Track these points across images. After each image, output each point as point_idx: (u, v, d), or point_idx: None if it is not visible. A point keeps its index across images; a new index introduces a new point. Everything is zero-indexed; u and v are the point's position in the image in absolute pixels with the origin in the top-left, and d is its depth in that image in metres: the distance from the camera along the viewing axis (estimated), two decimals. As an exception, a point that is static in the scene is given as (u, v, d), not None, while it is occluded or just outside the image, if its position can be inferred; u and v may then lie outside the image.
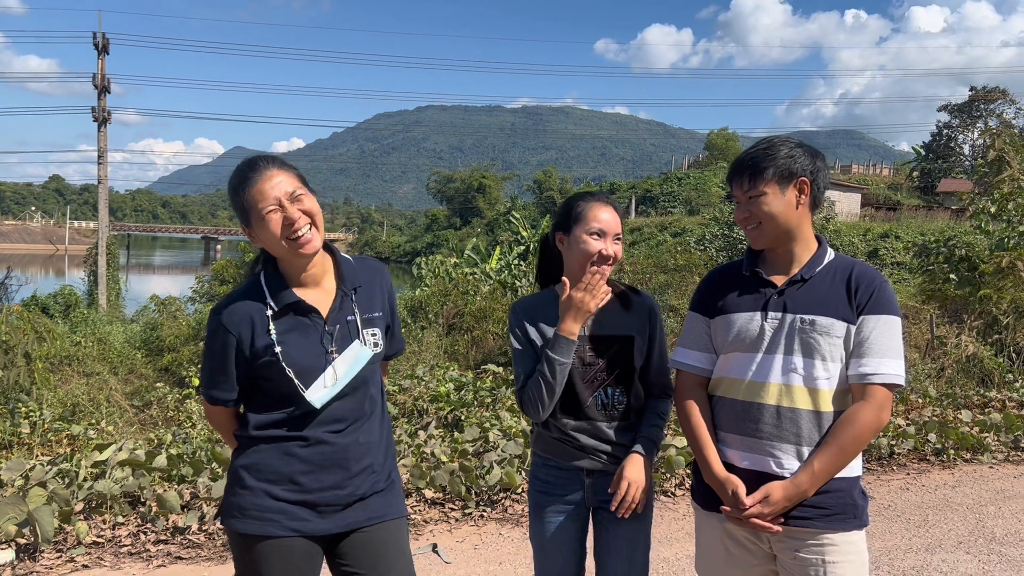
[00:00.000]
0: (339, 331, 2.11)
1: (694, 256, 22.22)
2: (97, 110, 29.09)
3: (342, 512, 2.13)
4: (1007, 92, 55.58)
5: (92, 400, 12.76)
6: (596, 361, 2.38)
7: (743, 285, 2.25)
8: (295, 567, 2.10)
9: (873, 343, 2.07)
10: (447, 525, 4.70)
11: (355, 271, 2.20)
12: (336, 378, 2.07)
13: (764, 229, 2.17)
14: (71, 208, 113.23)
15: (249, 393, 2.14)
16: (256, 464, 2.08)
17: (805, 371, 2.10)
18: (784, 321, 2.13)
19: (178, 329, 19.51)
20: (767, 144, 2.19)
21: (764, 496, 2.07)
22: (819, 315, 2.10)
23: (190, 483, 4.96)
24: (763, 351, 2.15)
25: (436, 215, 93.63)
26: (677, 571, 4.13)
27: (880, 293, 2.11)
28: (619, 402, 2.39)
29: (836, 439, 2.06)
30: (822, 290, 2.14)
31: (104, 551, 4.16)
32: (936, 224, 33.02)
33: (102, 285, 28.71)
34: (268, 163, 2.05)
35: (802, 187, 2.15)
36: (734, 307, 2.22)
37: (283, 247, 2.03)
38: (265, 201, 2.01)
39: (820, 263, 2.18)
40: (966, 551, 4.44)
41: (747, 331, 2.18)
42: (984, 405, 7.57)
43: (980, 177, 14.03)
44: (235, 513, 2.09)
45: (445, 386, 7.82)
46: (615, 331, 2.41)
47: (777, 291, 2.18)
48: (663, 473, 5.40)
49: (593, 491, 2.41)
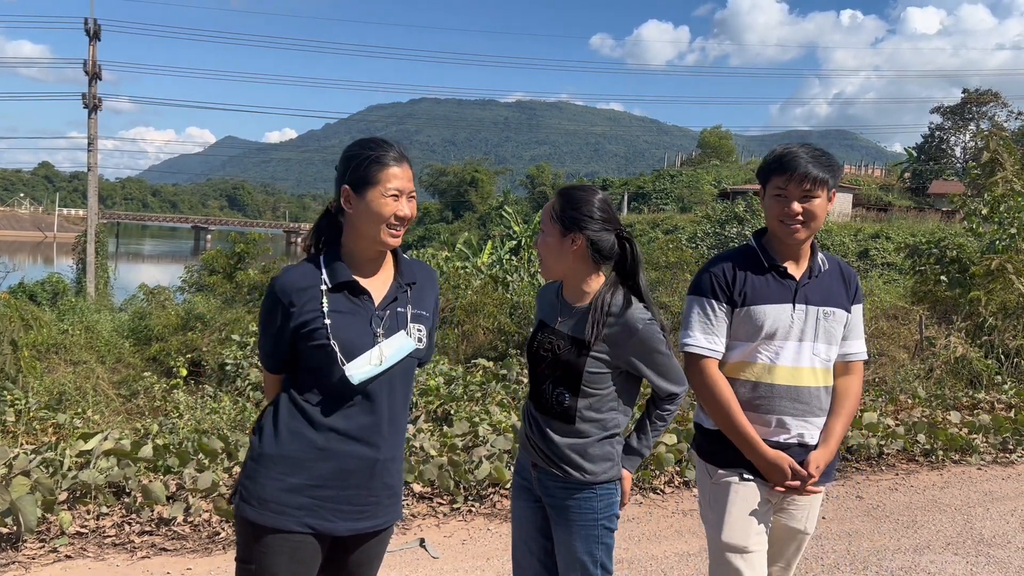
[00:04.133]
0: (388, 318, 2.16)
1: (686, 253, 22.24)
2: (88, 97, 28.86)
3: (360, 516, 2.14)
4: (999, 95, 55.86)
5: (79, 389, 12.67)
6: (547, 356, 2.40)
7: (767, 278, 2.46)
8: (302, 563, 2.10)
9: (855, 327, 2.52)
10: (435, 520, 4.67)
11: (412, 269, 2.28)
12: (381, 359, 2.10)
13: (812, 227, 2.41)
14: (60, 195, 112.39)
15: (293, 368, 2.17)
16: (284, 456, 2.08)
17: (826, 355, 2.46)
18: (808, 312, 2.44)
19: (167, 319, 19.39)
20: (822, 152, 2.43)
21: (816, 465, 2.42)
22: (833, 306, 2.46)
23: (176, 474, 4.91)
24: (795, 339, 2.43)
25: (428, 208, 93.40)
26: (666, 569, 4.12)
27: (859, 285, 2.56)
28: (559, 401, 2.36)
29: (844, 409, 2.48)
30: (828, 284, 2.48)
31: (88, 542, 4.12)
32: (926, 226, 33.16)
33: (90, 273, 28.51)
34: (405, 156, 2.17)
35: (832, 196, 2.45)
36: (764, 299, 2.43)
37: (378, 229, 2.13)
38: (394, 185, 2.11)
39: (818, 259, 2.49)
40: (954, 552, 4.44)
41: (781, 321, 2.42)
42: (973, 407, 7.58)
43: (972, 179, 14.06)
44: (253, 502, 2.08)
45: (435, 380, 7.78)
46: (572, 331, 2.37)
47: (799, 284, 2.45)
48: (652, 470, 5.38)
49: (539, 484, 2.45)
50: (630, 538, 4.47)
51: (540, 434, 2.39)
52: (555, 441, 2.35)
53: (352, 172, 2.13)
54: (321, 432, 2.09)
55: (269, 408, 2.17)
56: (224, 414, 7.61)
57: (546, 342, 2.41)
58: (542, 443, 2.39)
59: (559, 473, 2.36)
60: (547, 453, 2.37)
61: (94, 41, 29.19)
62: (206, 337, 16.85)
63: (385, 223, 2.12)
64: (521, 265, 22.33)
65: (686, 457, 5.54)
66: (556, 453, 2.35)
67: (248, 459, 2.14)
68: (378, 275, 2.21)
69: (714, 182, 56.79)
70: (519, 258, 24.58)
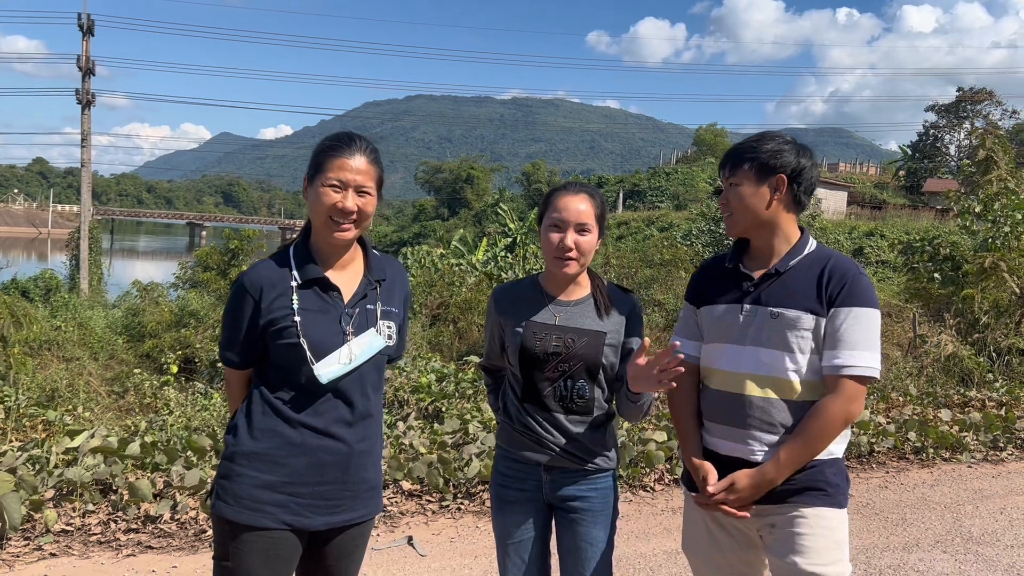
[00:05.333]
0: (358, 315, 2.14)
1: (680, 251, 22.24)
2: (81, 92, 28.75)
3: (336, 510, 2.13)
4: (993, 93, 55.94)
5: (71, 386, 12.62)
6: (561, 352, 2.34)
7: (725, 277, 2.30)
8: (279, 559, 2.08)
9: (844, 335, 2.09)
10: (424, 517, 4.65)
11: (382, 265, 2.26)
12: (350, 358, 2.08)
13: (734, 219, 2.24)
14: (55, 191, 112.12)
15: (261, 366, 2.15)
16: (259, 454, 2.07)
17: (774, 363, 2.15)
18: (756, 314, 2.19)
19: (160, 315, 19.35)
20: (757, 137, 2.24)
21: (730, 484, 2.15)
22: (787, 308, 2.14)
23: (164, 471, 4.89)
24: (736, 342, 2.21)
25: (424, 205, 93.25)
26: (654, 567, 4.11)
27: (853, 285, 2.12)
28: (580, 395, 2.34)
29: (803, 431, 2.11)
30: (795, 283, 2.17)
31: (73, 539, 4.09)
32: (921, 223, 33.19)
33: (84, 269, 28.44)
34: (363, 150, 2.11)
35: (778, 184, 2.18)
36: (716, 298, 2.29)
37: (321, 221, 2.09)
38: (336, 175, 2.06)
39: (796, 256, 2.21)
40: (943, 550, 4.44)
41: (724, 322, 2.25)
42: (964, 404, 7.59)
43: (966, 177, 14.09)
44: (228, 500, 2.06)
45: (427, 377, 7.77)
46: (586, 325, 2.36)
47: (753, 284, 2.23)
48: (642, 467, 5.38)
49: (551, 487, 2.38)
50: (619, 536, 4.42)
51: (560, 432, 2.34)
52: (579, 435, 2.33)
53: (311, 161, 2.13)
54: (295, 428, 2.08)
55: (242, 408, 2.15)
56: (215, 411, 7.58)
57: (551, 340, 2.34)
58: (565, 441, 2.34)
59: (584, 467, 2.35)
60: (570, 450, 2.33)
61: (87, 36, 29.09)
62: (199, 334, 16.82)
63: (327, 215, 2.07)
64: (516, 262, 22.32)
65: (676, 454, 5.53)
66: (581, 448, 2.34)
67: (223, 458, 2.13)
68: (348, 271, 2.19)
69: (709, 179, 56.77)
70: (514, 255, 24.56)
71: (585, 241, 2.32)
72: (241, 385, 2.21)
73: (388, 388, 7.60)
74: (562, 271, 2.33)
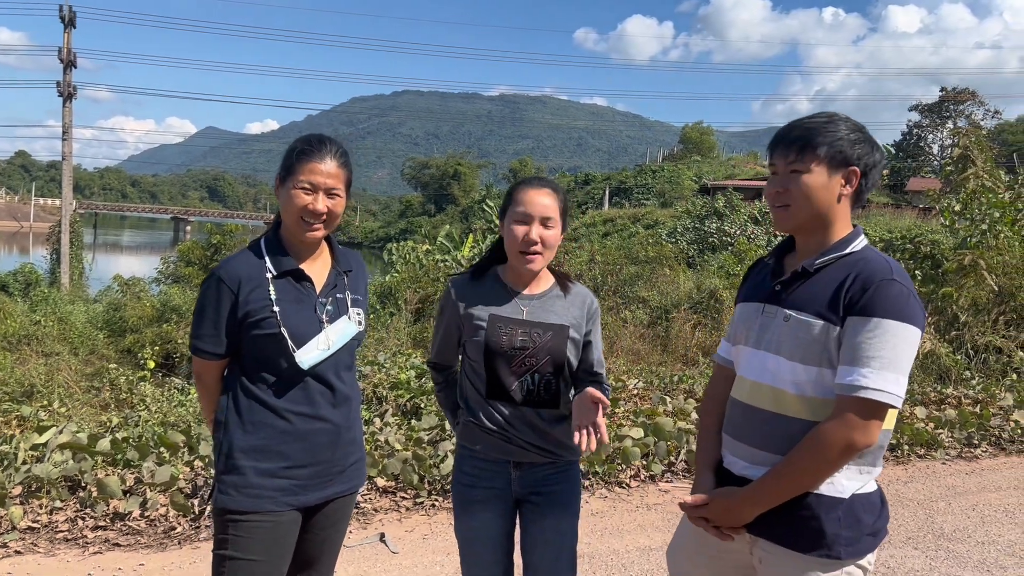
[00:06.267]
0: (331, 304, 2.25)
1: (665, 248, 22.30)
2: (62, 85, 28.44)
3: (328, 484, 2.26)
4: (976, 93, 56.39)
5: (50, 381, 12.48)
6: (528, 346, 2.32)
7: (764, 273, 2.10)
8: (282, 538, 2.19)
9: (859, 350, 1.77)
10: (397, 514, 4.63)
11: (347, 257, 2.37)
12: (328, 344, 2.20)
13: (794, 210, 1.93)
14: (37, 185, 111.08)
15: (237, 359, 2.22)
16: (255, 446, 2.15)
17: (779, 372, 1.91)
18: (774, 316, 1.96)
19: (142, 310, 19.19)
20: (827, 118, 1.94)
21: (715, 501, 1.95)
22: (801, 312, 1.89)
23: (135, 468, 4.83)
24: (754, 345, 2.00)
25: (410, 201, 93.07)
26: (626, 563, 4.10)
27: (878, 292, 1.78)
28: (547, 389, 2.34)
29: (793, 457, 1.83)
30: (821, 284, 1.89)
31: (39, 536, 4.04)
32: (903, 222, 33.40)
33: (65, 264, 28.16)
34: (333, 153, 2.20)
35: (850, 177, 1.91)
36: (747, 296, 2.11)
37: (292, 220, 2.19)
38: (307, 178, 2.15)
39: (833, 253, 1.92)
40: (914, 547, 4.46)
41: (746, 323, 2.05)
42: (940, 402, 7.63)
43: (946, 175, 14.17)
44: (231, 492, 2.14)
45: (406, 373, 7.72)
46: (551, 319, 2.36)
47: (780, 282, 1.98)
48: (618, 464, 5.37)
49: (520, 483, 2.37)
50: (592, 532, 4.46)
51: (529, 427, 2.32)
52: (547, 429, 2.34)
53: (283, 162, 2.22)
54: (284, 417, 2.17)
55: (226, 403, 2.22)
56: (191, 406, 7.51)
57: (517, 334, 2.32)
58: (533, 436, 2.33)
59: (553, 459, 2.37)
60: (540, 445, 2.34)
61: (69, 28, 28.76)
62: (181, 329, 16.70)
63: (298, 215, 2.18)
64: (501, 259, 22.27)
65: (652, 451, 5.53)
66: (552, 441, 2.36)
67: (220, 455, 2.20)
68: (318, 262, 2.29)
69: (695, 177, 56.97)
70: (500, 252, 24.51)
71: (550, 235, 2.31)
72: (218, 378, 2.27)
73: (367, 384, 7.56)
74: (527, 266, 2.31)
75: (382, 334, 15.31)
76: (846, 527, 1.84)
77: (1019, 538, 4.64)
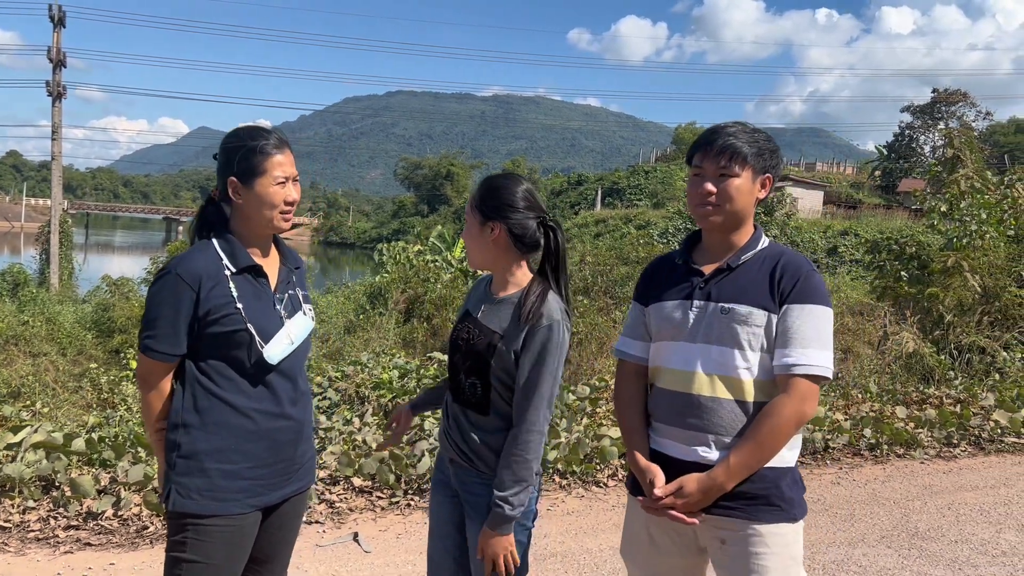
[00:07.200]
0: (287, 300, 2.28)
1: (657, 248, 22.32)
2: (52, 84, 28.36)
3: (287, 482, 2.26)
4: (968, 94, 56.63)
5: (37, 381, 12.44)
6: (466, 345, 2.32)
7: (675, 274, 2.24)
8: (243, 540, 2.18)
9: (796, 333, 2.02)
10: (372, 514, 4.62)
11: (293, 253, 2.40)
12: (291, 340, 2.21)
13: (725, 209, 2.12)
14: (28, 184, 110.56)
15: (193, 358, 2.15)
16: (218, 447, 2.12)
17: (724, 360, 2.07)
18: (706, 310, 2.12)
19: (130, 310, 19.16)
20: (751, 130, 2.16)
21: (678, 487, 2.06)
22: (738, 303, 2.08)
23: (111, 467, 4.82)
24: (686, 340, 2.14)
25: (403, 202, 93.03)
26: (599, 562, 4.10)
27: (806, 282, 2.06)
28: (473, 391, 2.30)
29: (754, 433, 2.02)
30: (747, 278, 2.11)
31: (10, 536, 4.02)
32: (895, 223, 33.55)
33: (54, 264, 28.08)
34: (285, 142, 2.25)
35: (765, 183, 2.15)
36: (664, 295, 2.22)
37: (272, 215, 2.20)
38: (280, 172, 2.18)
39: (750, 251, 2.15)
40: (887, 545, 4.47)
41: (673, 320, 2.17)
42: (922, 401, 7.66)
43: (934, 176, 14.21)
44: (193, 495, 2.09)
45: (388, 373, 7.72)
46: (492, 324, 2.29)
47: (703, 279, 2.16)
48: (596, 464, 5.38)
49: (455, 479, 2.39)
50: (567, 532, 4.46)
51: (457, 426, 2.33)
52: (471, 434, 2.29)
53: (238, 164, 2.19)
54: (247, 416, 2.15)
55: (181, 404, 2.14)
56: (173, 407, 7.52)
57: (464, 331, 2.35)
58: (458, 436, 2.32)
59: (474, 468, 2.29)
60: (462, 447, 2.31)
61: (59, 28, 28.69)
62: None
63: (279, 209, 2.21)
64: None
65: (631, 451, 5.54)
66: (472, 447, 2.29)
67: (179, 456, 2.12)
68: (269, 259, 2.30)
69: (686, 178, 57.06)
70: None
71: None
72: (168, 380, 2.19)
73: (349, 384, 7.56)
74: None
75: (370, 334, 15.31)
76: (795, 491, 2.12)
77: (992, 536, 4.66)
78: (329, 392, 7.30)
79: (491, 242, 2.27)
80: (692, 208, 2.18)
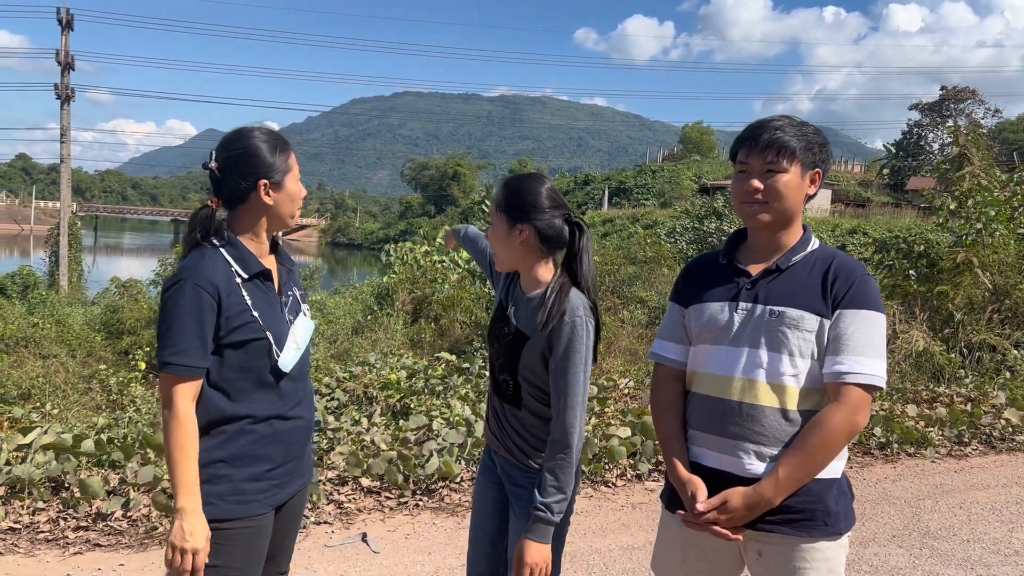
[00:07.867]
0: (289, 302, 2.25)
1: (664, 248, 22.25)
2: (60, 87, 28.48)
3: (296, 479, 2.27)
4: (976, 92, 56.32)
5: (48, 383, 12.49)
6: (496, 340, 2.39)
7: (718, 274, 2.13)
8: (262, 540, 2.18)
9: (849, 340, 1.91)
10: (381, 514, 4.62)
11: (285, 253, 2.34)
12: (298, 344, 2.19)
13: (773, 207, 2.00)
14: (38, 187, 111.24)
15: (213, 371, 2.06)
16: (235, 454, 2.09)
17: (770, 366, 1.96)
18: (753, 312, 2.01)
19: (139, 312, 19.20)
20: (798, 123, 2.04)
21: (722, 502, 1.94)
22: (789, 307, 1.97)
23: (121, 468, 4.83)
24: (729, 343, 2.03)
25: (410, 202, 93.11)
26: (608, 562, 4.09)
27: (860, 286, 1.95)
28: (506, 387, 2.35)
29: (803, 444, 1.91)
30: (797, 281, 2.00)
31: (20, 537, 4.03)
32: (903, 221, 33.42)
33: (63, 266, 28.20)
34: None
35: (815, 178, 2.03)
36: (706, 297, 2.11)
37: (295, 212, 2.22)
38: (296, 170, 2.21)
39: (799, 252, 2.04)
40: (899, 545, 4.45)
41: (716, 322, 2.06)
42: (932, 400, 7.62)
43: (942, 174, 14.15)
44: (213, 501, 2.05)
45: (396, 373, 7.72)
46: (520, 323, 2.30)
47: (751, 280, 2.05)
48: (605, 463, 5.36)
49: (500, 469, 2.43)
50: (576, 532, 4.45)
51: (497, 419, 2.39)
52: (510, 426, 2.35)
53: (264, 164, 2.12)
54: (264, 422, 2.13)
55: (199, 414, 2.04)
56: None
57: (497, 327, 2.41)
58: (498, 429, 2.39)
59: (516, 460, 2.34)
60: (503, 440, 2.37)
61: (67, 31, 28.82)
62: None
63: (297, 205, 2.23)
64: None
65: (640, 450, 5.52)
66: (512, 439, 2.34)
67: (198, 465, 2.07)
68: (268, 261, 2.25)
69: (694, 177, 56.95)
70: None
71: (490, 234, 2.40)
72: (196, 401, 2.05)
73: (357, 385, 7.56)
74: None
75: (378, 335, 15.32)
76: (842, 504, 2.00)
77: (1005, 536, 4.63)
78: (337, 392, 7.31)
79: (520, 243, 2.27)
80: (738, 206, 2.08)
